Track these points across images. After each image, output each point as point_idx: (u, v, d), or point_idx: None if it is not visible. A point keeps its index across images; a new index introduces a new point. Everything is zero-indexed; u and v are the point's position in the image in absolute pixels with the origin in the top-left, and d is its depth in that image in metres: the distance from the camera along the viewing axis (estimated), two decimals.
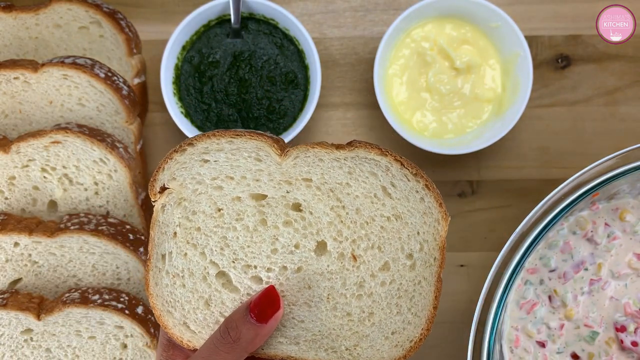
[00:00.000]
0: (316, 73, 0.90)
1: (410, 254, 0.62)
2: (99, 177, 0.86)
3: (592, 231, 0.82)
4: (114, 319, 0.80)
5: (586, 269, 0.82)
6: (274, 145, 0.61)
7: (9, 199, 0.86)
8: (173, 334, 0.63)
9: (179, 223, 0.62)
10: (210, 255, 0.62)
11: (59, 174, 0.85)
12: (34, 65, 0.86)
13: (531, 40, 0.96)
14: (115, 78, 0.87)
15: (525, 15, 0.97)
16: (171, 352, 0.64)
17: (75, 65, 0.85)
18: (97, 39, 0.91)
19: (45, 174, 0.85)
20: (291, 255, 0.62)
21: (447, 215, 0.61)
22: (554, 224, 0.75)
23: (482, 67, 0.92)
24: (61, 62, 0.86)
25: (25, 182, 0.85)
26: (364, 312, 0.62)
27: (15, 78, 0.86)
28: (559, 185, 0.78)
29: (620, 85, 0.97)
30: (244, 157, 0.62)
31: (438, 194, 0.61)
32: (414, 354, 0.62)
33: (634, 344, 0.80)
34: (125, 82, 0.88)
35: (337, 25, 0.98)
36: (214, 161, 0.62)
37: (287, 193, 0.62)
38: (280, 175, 0.61)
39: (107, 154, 0.84)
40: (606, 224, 0.82)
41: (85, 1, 0.90)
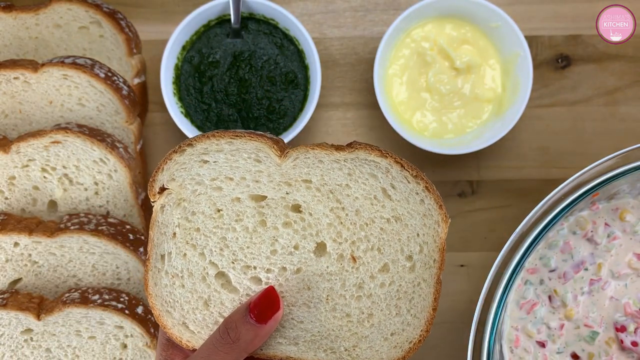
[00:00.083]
0: (316, 73, 0.90)
1: (409, 255, 0.61)
2: (99, 177, 0.86)
3: (592, 231, 0.82)
4: (114, 319, 0.80)
5: (586, 269, 0.82)
6: (273, 147, 0.61)
7: (9, 199, 0.86)
8: (172, 334, 0.63)
9: (178, 223, 0.62)
10: (209, 256, 0.62)
11: (59, 174, 0.85)
12: (34, 65, 0.86)
13: (531, 40, 0.96)
14: (115, 78, 0.87)
15: (525, 15, 0.97)
16: (170, 352, 0.64)
17: (75, 65, 0.85)
18: (97, 39, 0.91)
19: (45, 174, 0.85)
20: (290, 256, 0.62)
21: (447, 218, 0.61)
22: (554, 224, 0.75)
23: (482, 67, 0.92)
24: (61, 62, 0.86)
25: (25, 182, 0.85)
26: (363, 313, 0.62)
27: (15, 78, 0.86)
28: (559, 185, 0.78)
29: (620, 85, 0.97)
30: (244, 158, 0.62)
31: (438, 196, 0.61)
32: (413, 354, 0.62)
33: (634, 344, 0.80)
34: (125, 82, 0.88)
35: (337, 25, 0.98)
36: (214, 162, 0.62)
37: (286, 194, 0.61)
38: (279, 177, 0.61)
39: (107, 154, 0.84)
40: (606, 224, 0.82)
41: (85, 1, 0.90)
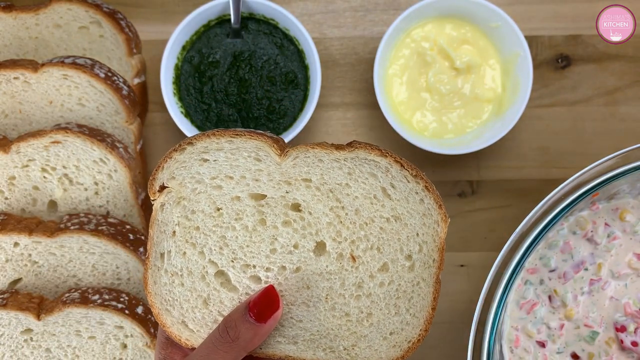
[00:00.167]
0: (316, 73, 0.90)
1: (409, 255, 0.61)
2: (99, 177, 0.86)
3: (592, 231, 0.82)
4: (114, 319, 0.80)
5: (586, 269, 0.82)
6: (273, 145, 0.61)
7: (9, 199, 0.86)
8: (171, 332, 0.63)
9: (178, 222, 0.62)
10: (209, 255, 0.62)
11: (59, 174, 0.85)
12: (34, 65, 0.86)
13: (531, 40, 0.96)
14: (115, 78, 0.87)
15: (525, 15, 0.97)
16: (169, 351, 0.64)
17: (75, 65, 0.85)
18: (97, 39, 0.91)
19: (45, 174, 0.85)
20: (290, 255, 0.62)
21: (447, 217, 0.61)
22: (554, 224, 0.75)
23: (482, 67, 0.92)
24: (61, 62, 0.86)
25: (25, 182, 0.85)
26: (362, 313, 0.62)
27: (15, 78, 0.86)
28: (559, 185, 0.78)
29: (620, 85, 0.97)
30: (244, 157, 0.61)
31: (438, 195, 0.61)
32: (412, 354, 0.62)
33: (634, 344, 0.80)
34: (125, 82, 0.88)
35: (337, 25, 0.98)
36: (214, 160, 0.62)
37: (286, 193, 0.61)
38: (279, 175, 0.61)
39: (107, 154, 0.84)
40: (606, 224, 0.82)
41: (85, 1, 0.90)
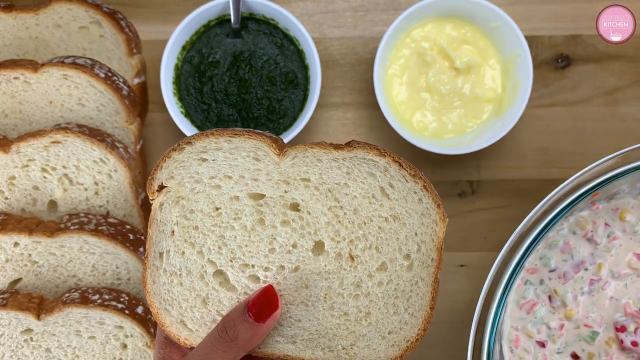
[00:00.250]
0: (316, 73, 0.90)
1: (407, 254, 0.61)
2: (99, 177, 0.86)
3: (592, 231, 0.82)
4: (114, 319, 0.80)
5: (586, 269, 0.82)
6: (272, 145, 0.61)
7: (9, 199, 0.86)
8: (170, 332, 0.63)
9: (177, 221, 0.62)
10: (207, 254, 0.62)
11: (59, 174, 0.85)
12: (34, 65, 0.86)
13: (531, 40, 0.96)
14: (115, 78, 0.87)
15: (525, 15, 0.97)
16: (168, 350, 0.64)
17: (75, 65, 0.85)
18: (97, 39, 0.92)
19: (45, 174, 0.85)
20: (289, 255, 0.62)
21: (445, 217, 0.61)
22: (554, 224, 0.75)
23: (482, 67, 0.92)
24: (61, 62, 0.86)
25: (25, 182, 0.85)
26: (361, 312, 0.62)
27: (15, 78, 0.86)
28: (559, 185, 0.77)
29: (620, 85, 0.97)
30: (242, 157, 0.61)
31: (436, 195, 0.61)
32: (410, 353, 0.62)
33: (634, 344, 0.80)
34: (125, 82, 0.88)
35: (337, 25, 0.98)
36: (212, 160, 0.62)
37: (285, 193, 0.61)
38: (278, 175, 0.61)
39: (107, 154, 0.84)
40: (606, 224, 0.82)
41: (85, 1, 0.90)
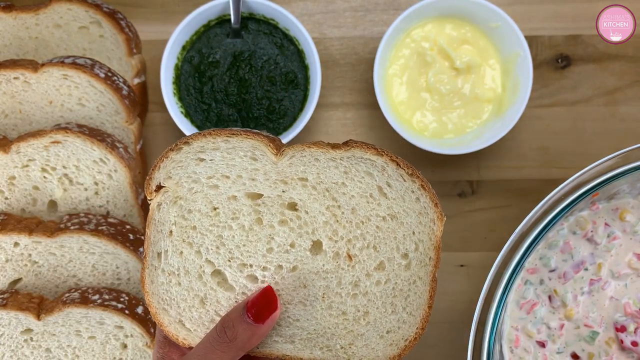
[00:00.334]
0: (316, 73, 0.90)
1: (405, 253, 0.61)
2: (99, 177, 0.86)
3: (592, 231, 0.82)
4: (114, 319, 0.80)
5: (586, 269, 0.82)
6: (270, 145, 0.61)
7: (9, 199, 0.86)
8: (169, 331, 0.63)
9: (175, 221, 0.62)
10: (205, 254, 0.62)
11: (59, 174, 0.86)
12: (34, 65, 0.86)
13: (531, 40, 0.95)
14: (115, 78, 0.87)
15: (525, 15, 0.97)
16: (167, 350, 0.64)
17: (75, 65, 0.85)
18: (97, 39, 0.92)
19: (45, 174, 0.85)
20: (287, 255, 0.62)
21: (443, 216, 0.61)
22: (554, 224, 0.75)
23: (482, 67, 0.92)
24: (61, 62, 0.86)
25: (25, 182, 0.86)
26: (359, 311, 0.62)
27: (15, 78, 0.86)
28: (559, 185, 0.77)
29: (620, 85, 0.96)
30: (240, 156, 0.62)
31: (434, 194, 0.61)
32: (409, 352, 0.62)
33: (634, 344, 0.80)
34: (125, 82, 0.89)
35: (337, 25, 0.98)
36: (210, 160, 0.62)
37: (282, 192, 0.61)
38: (276, 175, 0.61)
39: (107, 154, 0.84)
40: (606, 224, 0.82)
41: (85, 1, 0.90)
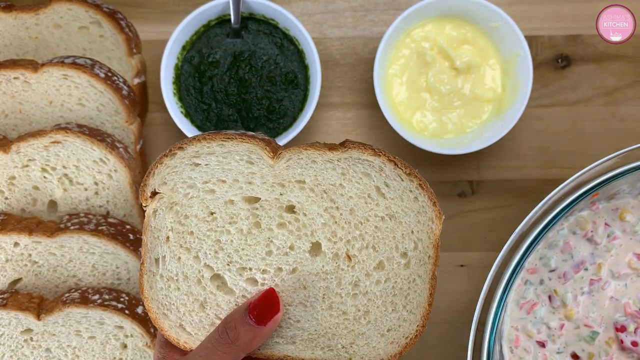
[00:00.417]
0: (316, 73, 0.90)
1: (404, 252, 0.62)
2: (99, 177, 0.86)
3: (592, 231, 0.82)
4: (114, 319, 0.80)
5: (586, 269, 0.82)
6: (265, 148, 0.61)
7: (9, 199, 0.86)
8: (169, 336, 0.63)
9: (172, 227, 0.62)
10: (204, 259, 0.62)
11: (59, 174, 0.86)
12: (34, 65, 0.86)
13: (531, 40, 0.95)
14: (115, 78, 0.87)
15: (525, 15, 0.97)
16: (168, 350, 0.64)
17: (75, 65, 0.85)
18: (97, 39, 0.92)
19: (45, 174, 0.85)
20: (286, 257, 0.61)
21: (441, 214, 0.61)
22: (554, 224, 0.75)
23: (482, 67, 0.92)
24: (61, 62, 0.86)
25: (25, 182, 0.86)
26: (359, 311, 0.62)
27: (15, 78, 0.86)
28: (559, 185, 0.77)
29: (620, 85, 0.96)
30: (236, 160, 0.61)
31: (432, 193, 0.61)
32: (409, 350, 0.63)
33: (634, 344, 0.80)
34: (125, 82, 0.89)
35: (337, 25, 0.98)
36: (205, 165, 0.61)
37: (280, 195, 0.61)
38: (273, 178, 0.61)
39: (107, 154, 0.84)
40: (606, 224, 0.82)
41: (85, 1, 0.90)
